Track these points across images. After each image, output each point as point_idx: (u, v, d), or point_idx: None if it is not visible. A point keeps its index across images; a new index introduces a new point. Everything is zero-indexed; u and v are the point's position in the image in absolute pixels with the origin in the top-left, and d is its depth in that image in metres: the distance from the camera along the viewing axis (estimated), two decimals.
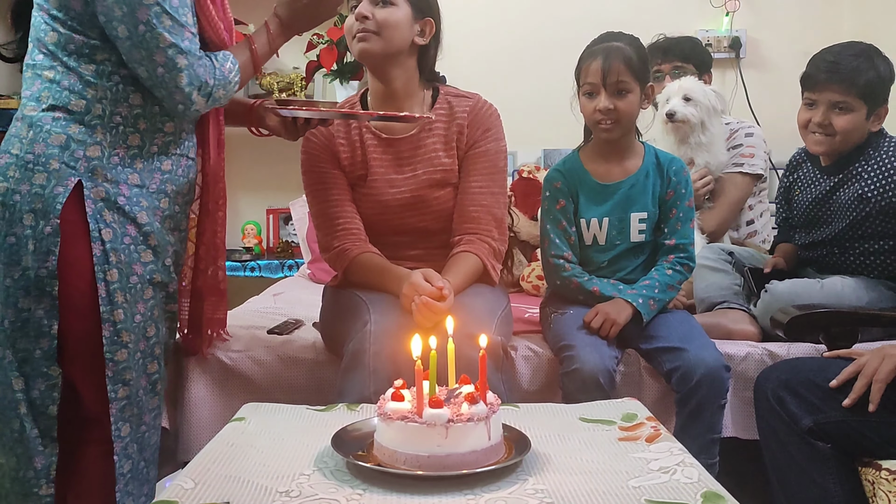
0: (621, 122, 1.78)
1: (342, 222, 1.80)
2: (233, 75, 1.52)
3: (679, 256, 1.82)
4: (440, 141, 1.81)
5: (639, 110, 1.82)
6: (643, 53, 1.82)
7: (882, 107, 1.93)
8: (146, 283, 1.51)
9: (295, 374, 1.83)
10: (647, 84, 1.81)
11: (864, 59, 1.90)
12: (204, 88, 1.45)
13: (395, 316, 1.61)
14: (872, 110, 1.92)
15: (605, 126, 1.78)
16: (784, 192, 2.20)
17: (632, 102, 1.78)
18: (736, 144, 2.53)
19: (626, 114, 1.78)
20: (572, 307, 1.83)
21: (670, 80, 2.53)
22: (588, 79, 1.78)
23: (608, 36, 1.83)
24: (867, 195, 1.91)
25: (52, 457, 1.47)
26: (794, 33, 3.24)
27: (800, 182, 2.12)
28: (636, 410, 1.39)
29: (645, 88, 1.80)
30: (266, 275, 3.26)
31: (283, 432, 1.29)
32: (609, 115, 1.77)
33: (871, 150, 1.94)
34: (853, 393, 1.42)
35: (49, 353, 1.44)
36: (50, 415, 1.46)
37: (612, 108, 1.76)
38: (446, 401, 1.13)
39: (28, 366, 1.44)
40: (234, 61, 1.52)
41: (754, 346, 1.86)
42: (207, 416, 1.78)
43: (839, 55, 1.92)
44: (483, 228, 1.79)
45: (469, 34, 1.92)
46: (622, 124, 1.79)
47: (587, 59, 1.79)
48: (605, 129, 1.79)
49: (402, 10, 1.74)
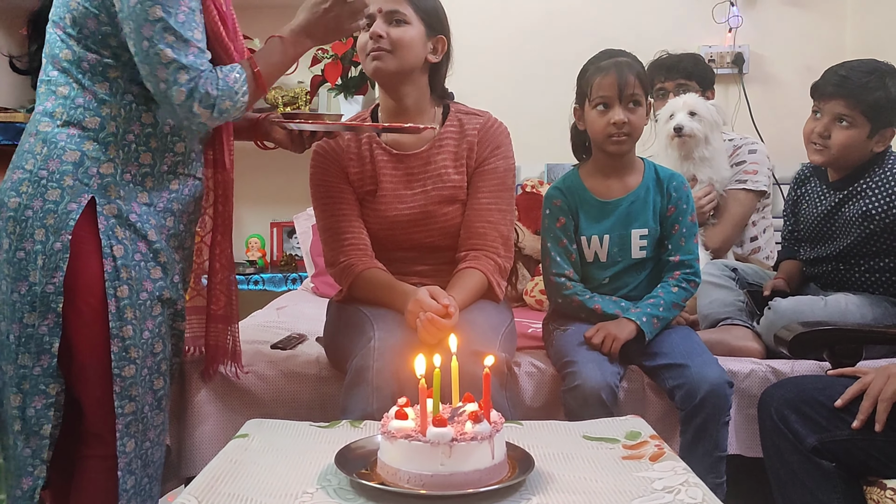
0: (633, 135, 1.79)
1: (349, 237, 1.81)
2: (239, 85, 1.49)
3: (685, 272, 1.82)
4: (450, 157, 1.82)
5: (644, 126, 1.83)
6: (645, 70, 1.84)
7: (889, 129, 1.92)
8: (155, 300, 1.52)
9: (298, 390, 1.83)
10: (649, 100, 1.83)
11: (876, 77, 1.89)
12: (206, 100, 1.44)
13: (399, 332, 1.61)
14: (877, 130, 1.91)
15: (619, 139, 1.78)
16: (791, 205, 2.20)
17: (641, 116, 1.79)
18: (739, 161, 2.54)
19: (638, 127, 1.79)
20: (574, 323, 1.83)
21: (674, 97, 2.54)
22: (602, 92, 1.77)
23: (612, 52, 1.83)
24: (871, 212, 1.91)
25: (39, 480, 1.47)
26: (797, 49, 3.25)
27: (807, 196, 2.12)
28: (640, 428, 1.39)
29: (647, 104, 1.81)
30: (269, 288, 3.26)
31: (287, 449, 1.29)
32: (623, 129, 1.77)
33: (877, 168, 1.94)
34: (860, 414, 1.42)
35: (48, 371, 1.45)
36: (43, 435, 1.46)
37: (626, 122, 1.76)
38: (450, 419, 1.13)
39: (27, 382, 1.45)
40: (241, 71, 1.50)
41: (758, 364, 1.85)
42: (210, 431, 1.78)
43: (852, 70, 1.92)
44: (489, 245, 1.80)
45: (473, 50, 1.93)
46: (633, 137, 1.80)
47: (598, 73, 1.78)
48: (617, 143, 1.79)
49: (415, 29, 1.75)
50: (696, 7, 3.29)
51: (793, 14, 3.29)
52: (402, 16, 1.74)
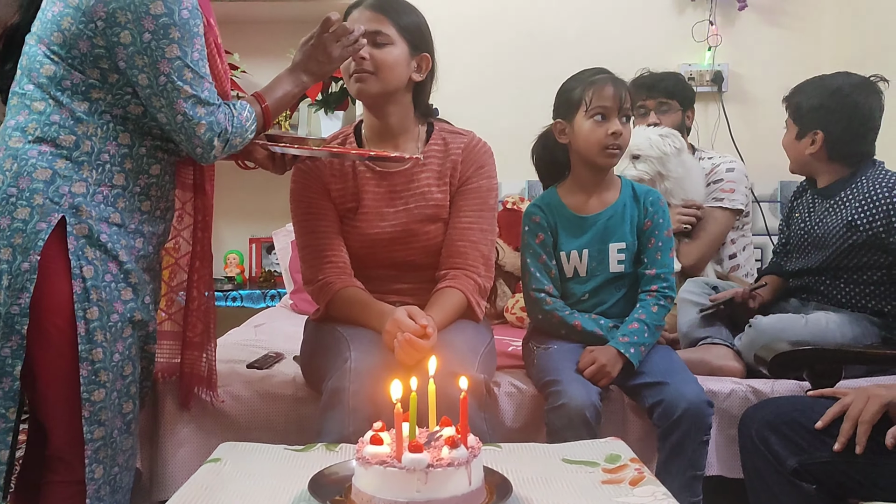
0: (623, 149, 1.80)
1: (328, 255, 1.78)
2: (249, 123, 1.55)
3: (661, 286, 1.82)
4: (433, 176, 1.81)
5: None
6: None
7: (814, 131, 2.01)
8: (126, 322, 1.49)
9: (274, 411, 1.80)
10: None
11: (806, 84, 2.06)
12: (223, 136, 1.49)
13: (376, 353, 1.59)
14: (803, 133, 2.03)
15: (613, 151, 1.78)
16: (785, 218, 2.25)
17: (629, 131, 1.81)
18: (717, 179, 2.54)
19: (627, 142, 1.80)
20: (556, 342, 1.81)
21: (655, 115, 2.55)
22: (602, 102, 1.76)
23: (596, 70, 1.84)
24: (856, 222, 1.92)
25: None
26: (775, 68, 3.27)
27: (800, 207, 2.16)
28: (620, 451, 1.37)
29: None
30: (248, 305, 3.21)
31: (260, 474, 1.26)
32: (618, 140, 1.77)
33: (863, 178, 1.97)
34: (841, 436, 1.41)
35: (8, 394, 1.41)
36: (0, 461, 1.42)
37: (622, 133, 1.77)
38: (426, 444, 1.11)
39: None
40: (251, 110, 1.56)
41: (738, 383, 1.85)
42: (183, 454, 1.74)
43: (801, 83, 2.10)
44: (470, 264, 1.78)
45: (455, 67, 1.92)
46: (622, 152, 1.81)
47: (594, 84, 1.77)
48: (611, 155, 1.79)
49: (398, 49, 1.73)
50: (675, 25, 3.31)
51: (771, 33, 3.31)
52: (384, 36, 1.72)
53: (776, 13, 3.30)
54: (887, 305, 1.96)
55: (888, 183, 1.90)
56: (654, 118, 2.55)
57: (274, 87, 1.63)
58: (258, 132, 1.60)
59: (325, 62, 1.63)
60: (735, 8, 3.26)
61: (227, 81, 1.59)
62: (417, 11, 1.81)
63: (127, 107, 1.48)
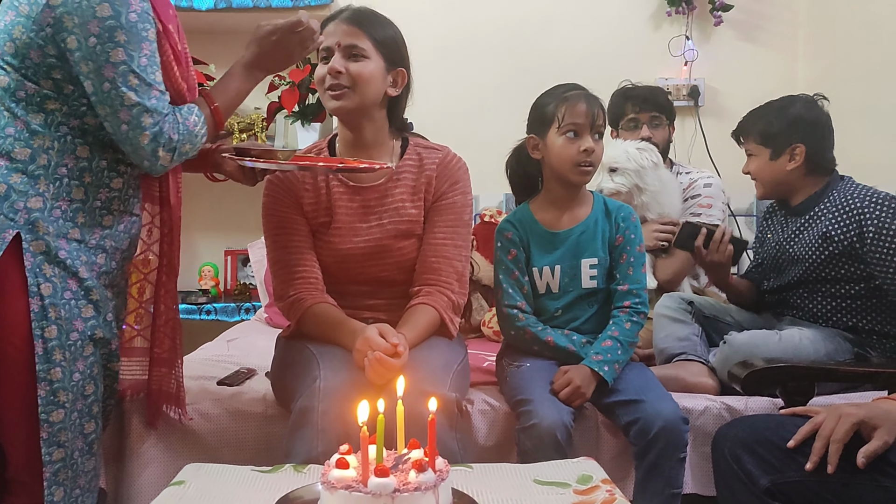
0: (595, 166, 1.80)
1: (300, 270, 1.76)
2: (198, 128, 1.49)
3: (634, 302, 1.81)
4: (408, 191, 1.79)
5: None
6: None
7: (793, 146, 2.02)
8: (87, 340, 1.45)
9: (244, 429, 1.77)
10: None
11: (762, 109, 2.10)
12: (168, 145, 1.43)
13: (346, 372, 1.56)
14: (777, 153, 2.04)
15: (586, 168, 1.79)
16: (758, 238, 2.27)
17: (602, 148, 1.81)
18: (694, 195, 2.55)
19: (599, 159, 1.81)
20: (529, 359, 1.80)
21: (647, 129, 2.55)
22: (575, 119, 1.76)
23: (570, 85, 1.84)
24: (830, 233, 1.94)
25: None
26: (750, 83, 3.29)
27: (771, 228, 2.18)
28: (592, 472, 1.36)
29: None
30: (222, 318, 3.17)
31: (224, 498, 1.23)
32: (590, 157, 1.77)
33: (834, 191, 2.00)
34: (813, 455, 1.40)
35: None
36: None
37: (594, 150, 1.77)
38: (393, 468, 1.08)
39: None
40: (199, 114, 1.50)
41: (712, 401, 1.84)
42: (150, 473, 1.70)
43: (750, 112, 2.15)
44: (443, 280, 1.76)
45: (432, 80, 1.91)
46: (595, 169, 1.81)
47: (567, 101, 1.78)
48: (585, 172, 1.79)
49: (374, 63, 1.71)
50: (652, 40, 3.33)
51: (746, 49, 3.34)
52: (360, 50, 1.70)
53: (752, 29, 3.34)
54: (861, 321, 1.97)
55: (859, 194, 1.93)
56: (647, 132, 2.55)
57: (226, 84, 1.57)
58: (210, 134, 1.55)
59: (283, 61, 1.61)
60: (711, 23, 3.29)
61: (188, 91, 1.54)
62: (394, 26, 1.79)
63: (84, 118, 1.44)
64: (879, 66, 2.77)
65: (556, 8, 3.34)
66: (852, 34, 2.98)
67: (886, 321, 1.94)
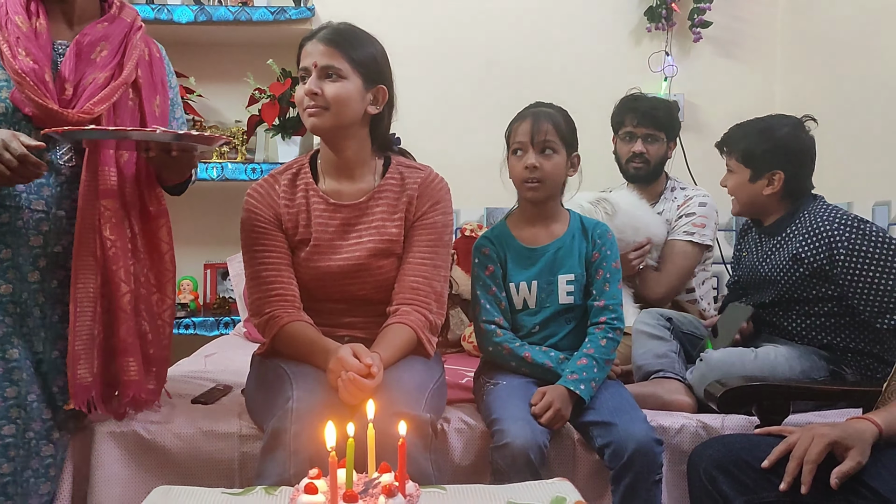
0: (545, 182, 1.82)
1: (276, 288, 1.74)
2: None
3: (609, 318, 1.82)
4: (388, 210, 1.78)
5: (565, 176, 1.86)
6: (571, 124, 1.86)
7: (773, 172, 2.02)
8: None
9: (218, 449, 1.73)
10: (574, 153, 1.85)
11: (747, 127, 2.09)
12: None
13: (319, 392, 1.55)
14: (758, 175, 2.03)
15: (531, 185, 1.82)
16: (735, 256, 2.27)
17: (557, 164, 1.82)
18: (689, 212, 2.57)
19: (551, 174, 1.81)
20: (505, 377, 1.80)
21: (642, 143, 2.57)
22: (517, 138, 1.83)
23: (538, 104, 1.88)
24: (801, 255, 1.94)
25: None
26: (730, 99, 3.33)
27: (747, 246, 2.19)
28: (566, 493, 1.35)
29: (571, 156, 1.84)
30: (201, 332, 3.15)
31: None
32: (535, 174, 1.80)
33: (805, 213, 2.00)
34: (787, 476, 1.40)
35: None
36: None
37: (537, 166, 1.80)
38: (362, 493, 1.08)
39: None
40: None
41: (689, 419, 1.84)
42: (120, 495, 1.67)
43: (735, 126, 2.13)
44: (421, 300, 1.75)
45: (413, 94, 1.92)
46: (546, 185, 1.82)
47: (517, 121, 1.85)
48: (530, 189, 1.83)
49: (352, 83, 1.70)
50: (632, 55, 3.35)
51: (725, 65, 3.38)
52: (336, 70, 1.69)
53: (731, 45, 3.37)
54: (835, 339, 1.98)
55: (829, 216, 1.93)
56: (640, 146, 2.58)
57: None
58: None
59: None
60: (690, 39, 3.31)
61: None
62: (374, 42, 1.78)
63: None
64: (856, 84, 2.80)
65: (536, 23, 3.36)
66: (830, 51, 3.01)
67: (860, 339, 1.95)
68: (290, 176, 1.82)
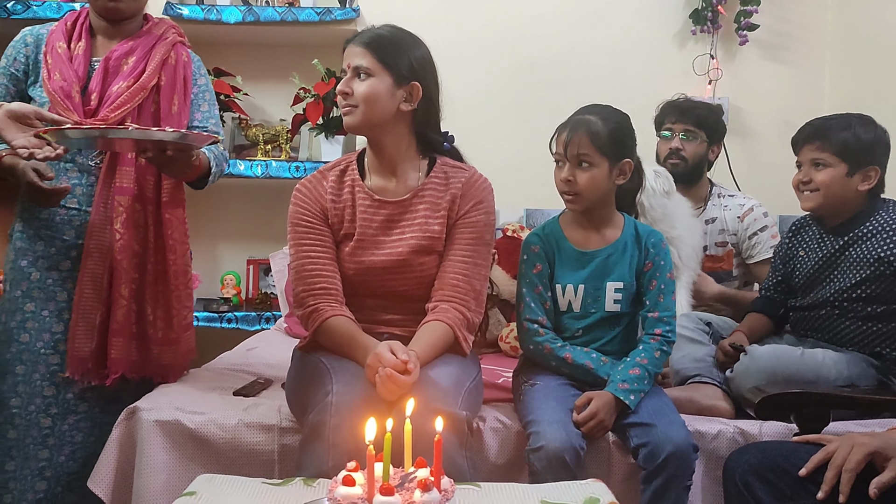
0: (582, 195, 1.79)
1: (321, 281, 1.78)
2: None
3: (665, 331, 1.81)
4: (431, 207, 1.81)
5: (609, 185, 1.81)
6: (620, 131, 1.80)
7: (870, 167, 1.98)
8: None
9: (258, 441, 1.78)
10: (623, 160, 1.80)
11: (841, 121, 2.01)
12: None
13: (358, 387, 1.58)
14: (855, 169, 1.98)
15: (568, 198, 1.81)
16: (783, 254, 2.21)
17: (594, 177, 1.78)
18: (762, 227, 2.56)
19: (587, 188, 1.78)
20: (542, 377, 1.80)
21: (679, 140, 2.55)
22: (556, 149, 1.82)
23: (587, 109, 1.84)
24: (887, 256, 1.93)
25: None
26: (776, 103, 3.29)
27: (804, 244, 2.14)
28: (600, 494, 1.36)
29: (619, 164, 1.80)
30: (243, 326, 3.21)
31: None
32: (570, 187, 1.79)
33: (882, 212, 2.00)
34: (824, 484, 1.39)
35: None
36: None
37: (570, 180, 1.78)
38: (399, 487, 1.10)
39: None
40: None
41: (726, 424, 1.83)
42: (165, 481, 1.72)
43: (821, 120, 2.05)
44: (460, 297, 1.77)
45: (456, 95, 1.93)
46: (584, 197, 1.80)
47: (558, 130, 1.83)
48: (567, 201, 1.82)
49: (380, 80, 1.74)
50: (676, 59, 3.33)
51: (772, 68, 3.33)
52: (366, 69, 1.74)
53: (778, 49, 3.32)
54: (886, 348, 1.95)
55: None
56: (677, 143, 2.56)
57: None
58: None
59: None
60: (736, 42, 3.27)
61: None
62: (413, 42, 1.81)
63: None
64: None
65: (580, 25, 3.35)
66: (879, 54, 2.95)
67: None
68: (337, 172, 1.86)
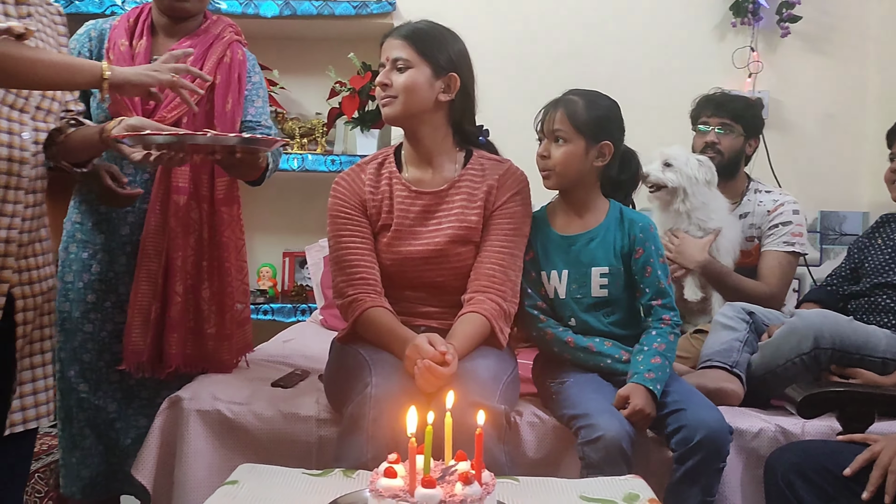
0: (556, 171, 1.81)
1: (360, 271, 1.80)
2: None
3: (672, 316, 1.81)
4: (468, 198, 1.82)
5: (586, 165, 1.81)
6: (599, 111, 1.81)
7: None
8: None
9: (297, 431, 1.79)
10: (602, 142, 1.80)
11: None
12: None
13: (397, 379, 1.59)
14: None
15: (543, 174, 1.83)
16: (860, 243, 2.24)
17: (568, 153, 1.79)
18: (785, 221, 2.49)
19: (560, 163, 1.80)
20: (569, 375, 1.80)
21: (714, 134, 2.52)
22: (539, 127, 1.85)
23: (573, 90, 1.88)
24: None
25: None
26: (818, 96, 3.22)
27: (884, 234, 2.19)
28: (639, 490, 1.35)
29: (597, 145, 1.80)
30: (279, 318, 3.24)
31: (275, 499, 1.27)
32: (545, 163, 1.81)
33: None
34: (870, 485, 1.37)
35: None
36: None
37: (546, 156, 1.80)
38: (440, 479, 1.10)
39: None
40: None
41: (767, 422, 1.80)
42: (205, 470, 1.74)
43: None
44: (496, 287, 1.77)
45: (491, 88, 1.93)
46: (558, 173, 1.81)
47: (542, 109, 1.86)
48: (543, 177, 1.84)
49: (419, 72, 1.76)
50: (716, 51, 3.28)
51: (814, 61, 3.26)
52: (404, 61, 1.77)
53: (820, 41, 3.26)
54: None
55: None
56: (713, 136, 2.52)
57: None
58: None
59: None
60: (777, 35, 3.22)
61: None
62: (449, 36, 1.83)
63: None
64: None
65: (619, 17, 3.31)
66: None
67: None
68: (375, 165, 1.88)
